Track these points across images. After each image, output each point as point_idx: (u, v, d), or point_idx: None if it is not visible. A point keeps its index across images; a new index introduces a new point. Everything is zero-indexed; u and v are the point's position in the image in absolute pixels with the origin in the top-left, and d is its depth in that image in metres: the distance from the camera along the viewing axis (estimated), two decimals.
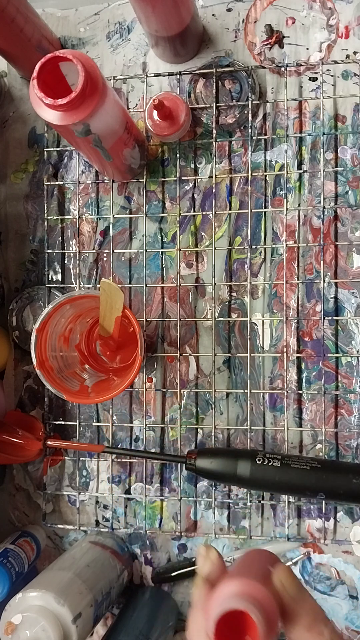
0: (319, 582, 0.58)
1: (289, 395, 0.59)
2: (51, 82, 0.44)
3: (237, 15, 0.60)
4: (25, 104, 0.64)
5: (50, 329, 0.52)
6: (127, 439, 0.61)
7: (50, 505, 0.63)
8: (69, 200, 0.63)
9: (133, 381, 0.51)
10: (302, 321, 0.59)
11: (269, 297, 0.59)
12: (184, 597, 0.61)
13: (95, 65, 0.44)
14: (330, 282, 0.58)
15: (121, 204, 0.62)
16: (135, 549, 0.62)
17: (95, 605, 0.51)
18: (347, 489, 0.51)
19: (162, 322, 0.61)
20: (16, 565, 0.56)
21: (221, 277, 0.60)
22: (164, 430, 0.61)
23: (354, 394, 0.57)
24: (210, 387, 0.59)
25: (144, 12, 0.53)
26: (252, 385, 0.59)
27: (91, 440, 0.62)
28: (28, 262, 0.64)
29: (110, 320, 0.52)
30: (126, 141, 0.53)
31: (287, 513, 0.58)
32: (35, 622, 0.46)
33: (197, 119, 0.60)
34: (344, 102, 0.58)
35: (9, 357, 0.63)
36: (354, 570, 0.58)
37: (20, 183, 0.64)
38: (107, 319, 0.52)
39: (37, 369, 0.51)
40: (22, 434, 0.58)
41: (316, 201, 0.58)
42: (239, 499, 0.59)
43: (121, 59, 0.62)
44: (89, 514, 0.62)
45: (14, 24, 0.53)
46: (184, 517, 0.60)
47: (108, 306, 0.51)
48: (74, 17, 0.63)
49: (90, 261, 0.62)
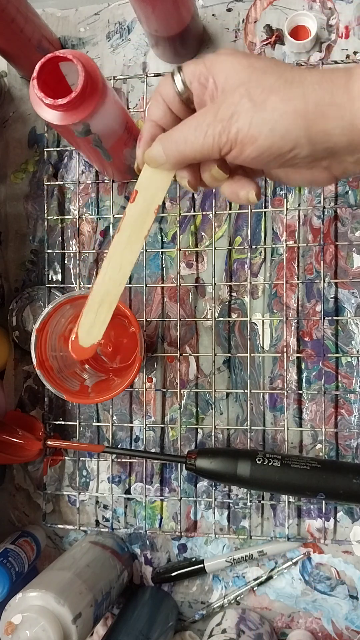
0: (319, 582, 0.58)
1: (289, 395, 0.59)
2: (51, 82, 0.44)
3: (237, 15, 0.60)
4: (25, 104, 0.64)
5: (50, 329, 0.52)
6: (127, 439, 0.61)
7: (50, 505, 0.63)
8: (69, 200, 0.63)
9: (133, 381, 0.51)
10: (302, 321, 0.59)
11: (269, 297, 0.59)
12: (184, 597, 0.61)
13: (95, 65, 0.44)
14: (330, 282, 0.58)
15: (121, 204, 0.62)
16: (135, 549, 0.62)
17: (95, 605, 0.51)
18: (347, 489, 0.51)
19: (162, 322, 0.61)
20: (16, 565, 0.56)
21: (221, 277, 0.60)
22: (164, 430, 0.61)
23: (354, 394, 0.57)
24: (210, 387, 0.59)
25: (144, 12, 0.53)
26: (252, 385, 0.59)
27: (91, 440, 0.62)
28: (28, 262, 0.64)
29: (101, 319, 0.42)
30: (126, 141, 0.53)
31: (287, 513, 0.58)
32: (35, 622, 0.46)
33: None
34: None
35: (9, 357, 0.63)
36: (354, 570, 0.58)
37: (20, 183, 0.64)
38: (97, 320, 0.42)
39: (37, 369, 0.51)
40: (22, 434, 0.58)
41: (316, 201, 0.58)
42: (239, 499, 0.59)
43: (121, 59, 0.62)
44: (89, 514, 0.62)
45: (14, 24, 0.53)
46: (184, 517, 0.60)
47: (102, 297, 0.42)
48: (74, 17, 0.63)
49: (90, 261, 0.62)
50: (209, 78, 0.34)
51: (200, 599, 0.60)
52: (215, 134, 0.33)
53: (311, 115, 0.31)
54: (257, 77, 0.32)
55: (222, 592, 0.60)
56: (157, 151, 0.36)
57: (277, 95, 0.32)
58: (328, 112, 0.31)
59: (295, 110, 0.31)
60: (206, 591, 0.60)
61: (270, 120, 0.31)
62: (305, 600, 0.58)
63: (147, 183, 0.38)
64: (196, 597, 0.60)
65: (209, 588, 0.60)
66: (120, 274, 0.40)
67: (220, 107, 0.33)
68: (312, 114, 0.31)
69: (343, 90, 0.31)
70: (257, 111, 0.32)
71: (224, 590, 0.60)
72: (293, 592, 0.58)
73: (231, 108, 0.32)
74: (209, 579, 0.60)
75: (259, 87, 0.32)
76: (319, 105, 0.31)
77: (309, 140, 0.32)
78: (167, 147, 0.35)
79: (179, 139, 0.34)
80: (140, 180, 0.38)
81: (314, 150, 0.32)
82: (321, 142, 0.32)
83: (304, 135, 0.32)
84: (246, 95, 0.32)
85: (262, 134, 0.32)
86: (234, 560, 0.58)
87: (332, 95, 0.31)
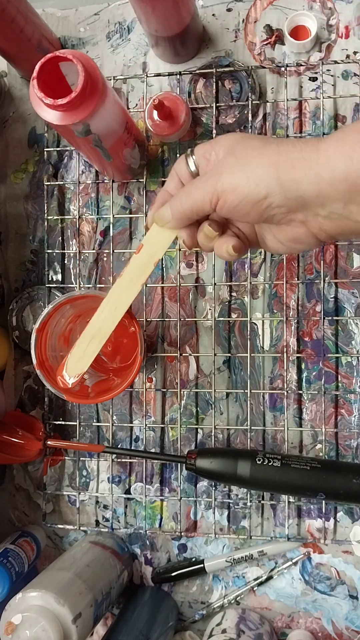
0: (319, 582, 0.58)
1: (289, 395, 0.59)
2: (51, 82, 0.44)
3: (237, 15, 0.60)
4: (25, 104, 0.64)
5: (50, 329, 0.52)
6: (127, 439, 0.61)
7: (50, 505, 0.63)
8: (69, 200, 0.63)
9: (133, 381, 0.51)
10: (302, 321, 0.59)
11: (269, 297, 0.59)
12: (184, 597, 0.61)
13: (95, 65, 0.44)
14: (330, 282, 0.58)
15: (121, 204, 0.62)
16: (135, 549, 0.62)
17: (95, 605, 0.51)
18: (347, 489, 0.51)
19: (162, 322, 0.61)
20: (16, 565, 0.56)
21: (221, 277, 0.60)
22: (164, 430, 0.61)
23: (354, 394, 0.57)
24: (210, 387, 0.59)
25: (144, 12, 0.53)
26: (252, 385, 0.59)
27: (91, 440, 0.62)
28: (28, 262, 0.64)
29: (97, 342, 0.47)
30: (126, 141, 0.53)
31: (287, 513, 0.58)
32: (35, 622, 0.46)
33: (197, 119, 0.60)
34: (344, 102, 0.58)
35: (9, 357, 0.63)
36: (354, 570, 0.58)
37: (20, 183, 0.64)
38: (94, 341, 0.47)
39: (37, 369, 0.51)
40: (22, 434, 0.58)
41: None
42: (239, 499, 0.59)
43: (121, 59, 0.62)
44: (89, 514, 0.62)
45: (14, 24, 0.53)
46: (184, 517, 0.60)
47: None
48: (74, 17, 0.63)
49: (90, 261, 0.62)
50: (212, 153, 0.41)
51: (200, 599, 0.60)
52: (208, 187, 0.39)
53: (282, 165, 0.36)
54: (244, 142, 0.39)
55: (222, 592, 0.60)
56: (165, 211, 0.42)
57: (256, 152, 0.38)
58: (297, 164, 0.36)
59: (270, 161, 0.37)
60: (206, 591, 0.60)
61: (247, 170, 0.37)
62: (305, 600, 0.58)
63: (153, 239, 0.44)
64: (196, 597, 0.60)
65: (209, 588, 0.60)
66: (115, 314, 0.46)
67: (214, 168, 0.40)
68: (283, 164, 0.36)
69: (312, 148, 0.36)
70: (238, 164, 0.38)
71: (224, 590, 0.60)
72: (293, 592, 0.58)
73: (220, 166, 0.39)
74: (209, 579, 0.60)
75: (243, 148, 0.39)
76: (290, 158, 0.36)
77: (280, 188, 0.36)
78: (172, 205, 0.42)
79: (182, 196, 0.41)
80: (147, 236, 0.44)
81: (285, 199, 0.37)
82: (292, 190, 0.36)
83: (275, 183, 0.36)
84: (232, 154, 0.39)
85: (241, 183, 0.37)
86: (234, 560, 0.58)
87: (301, 151, 0.36)
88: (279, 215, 0.38)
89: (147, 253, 0.44)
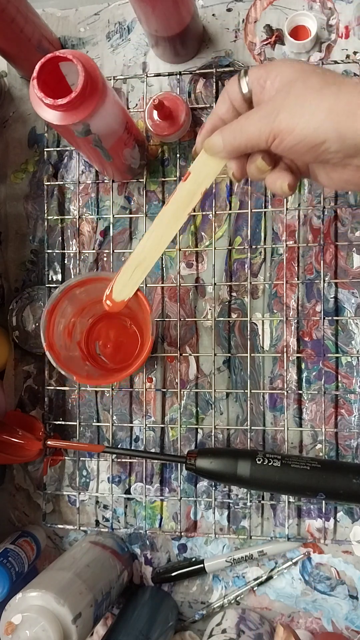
0: (319, 582, 0.58)
1: (289, 395, 0.59)
2: (51, 82, 0.44)
3: (237, 15, 0.60)
4: (25, 104, 0.64)
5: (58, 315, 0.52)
6: (127, 439, 0.61)
7: (50, 505, 0.63)
8: (69, 200, 0.63)
9: (144, 362, 0.51)
10: (302, 321, 0.59)
11: (269, 297, 0.59)
12: (184, 597, 0.61)
13: (95, 65, 0.44)
14: (330, 282, 0.58)
15: (121, 204, 0.62)
16: (135, 549, 0.62)
17: (95, 605, 0.51)
18: (347, 489, 0.51)
19: (162, 322, 0.61)
20: (16, 565, 0.56)
21: (221, 277, 0.60)
22: (164, 430, 0.61)
23: (354, 394, 0.57)
24: (210, 387, 0.59)
25: (144, 12, 0.53)
26: (252, 385, 0.59)
27: (91, 440, 0.62)
28: (28, 262, 0.64)
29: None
30: (126, 141, 0.53)
31: (287, 513, 0.58)
32: (35, 622, 0.46)
33: (197, 119, 0.60)
34: None
35: (9, 357, 0.63)
36: (354, 570, 0.58)
37: (20, 183, 0.64)
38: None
39: (47, 350, 0.51)
40: (22, 434, 0.58)
41: (316, 201, 0.58)
42: (239, 499, 0.59)
43: (121, 59, 0.62)
44: (89, 514, 0.62)
45: (14, 24, 0.53)
46: (184, 517, 0.60)
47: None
48: (74, 17, 0.63)
49: (90, 261, 0.62)
50: (267, 80, 0.39)
51: (200, 599, 0.60)
52: (264, 125, 0.37)
53: (342, 113, 0.35)
54: (303, 78, 0.37)
55: (222, 592, 0.60)
56: (216, 140, 0.41)
57: (316, 93, 0.36)
58: (357, 111, 0.34)
59: (329, 107, 0.35)
60: (206, 591, 0.60)
61: (306, 114, 0.36)
62: (305, 600, 0.58)
63: (201, 167, 0.43)
64: (196, 597, 0.60)
65: (209, 588, 0.60)
66: (160, 243, 0.45)
67: (270, 103, 0.38)
68: (343, 112, 0.35)
69: None
70: (296, 106, 0.36)
71: (224, 590, 0.60)
72: (293, 592, 0.58)
73: (277, 103, 0.37)
74: (209, 579, 0.60)
75: (302, 86, 0.37)
76: (350, 105, 0.35)
77: (338, 136, 0.35)
78: (225, 137, 0.40)
79: (236, 129, 0.39)
80: (195, 164, 0.43)
81: (343, 146, 0.36)
82: (350, 138, 0.35)
83: (333, 131, 0.35)
84: (290, 92, 0.37)
85: (298, 126, 0.36)
86: (234, 560, 0.58)
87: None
88: (335, 159, 0.37)
89: (195, 181, 0.43)
